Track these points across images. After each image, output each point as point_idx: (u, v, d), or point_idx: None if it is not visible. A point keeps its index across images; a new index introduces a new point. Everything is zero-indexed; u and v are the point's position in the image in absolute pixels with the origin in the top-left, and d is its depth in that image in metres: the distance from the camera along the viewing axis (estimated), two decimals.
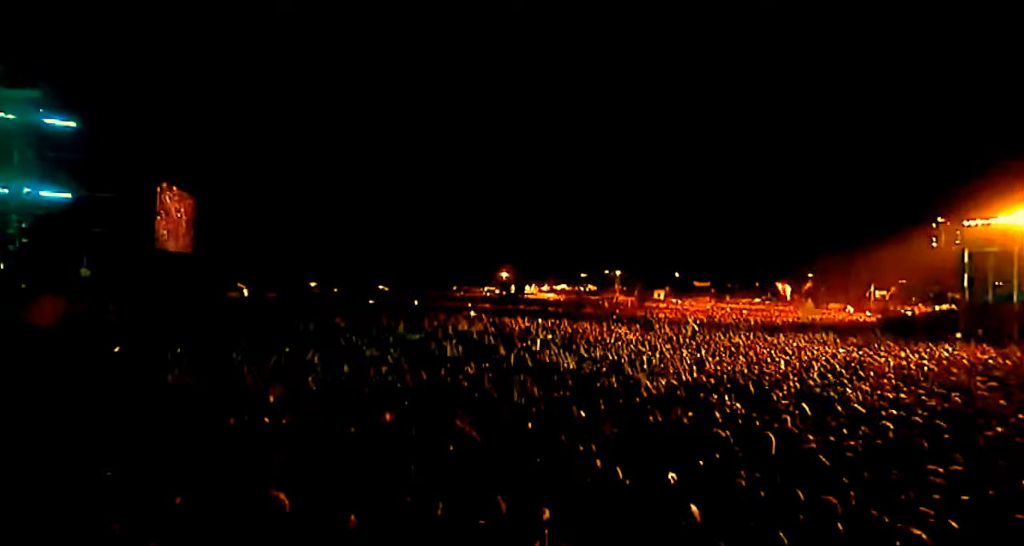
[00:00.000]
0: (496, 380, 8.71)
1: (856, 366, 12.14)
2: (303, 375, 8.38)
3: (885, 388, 9.79)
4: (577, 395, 8.13)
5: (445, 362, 10.67)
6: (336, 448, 5.06)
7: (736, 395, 8.52)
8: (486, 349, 12.58)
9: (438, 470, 4.52)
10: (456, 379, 9.22)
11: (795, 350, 14.39)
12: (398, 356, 11.08)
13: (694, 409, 7.49)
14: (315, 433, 5.42)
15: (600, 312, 31.36)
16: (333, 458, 4.78)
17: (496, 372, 9.99)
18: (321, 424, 5.81)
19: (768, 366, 11.43)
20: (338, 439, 5.34)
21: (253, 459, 4.64)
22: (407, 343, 13.14)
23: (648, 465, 5.00)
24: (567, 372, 10.44)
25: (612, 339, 15.32)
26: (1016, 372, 12.54)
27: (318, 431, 5.48)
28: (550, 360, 11.42)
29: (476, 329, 17.71)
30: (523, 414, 6.78)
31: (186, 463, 4.45)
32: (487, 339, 13.64)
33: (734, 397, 8.42)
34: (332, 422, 5.99)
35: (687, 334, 17.40)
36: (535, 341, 14.19)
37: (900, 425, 6.77)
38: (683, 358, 11.83)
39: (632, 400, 8.05)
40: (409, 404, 7.02)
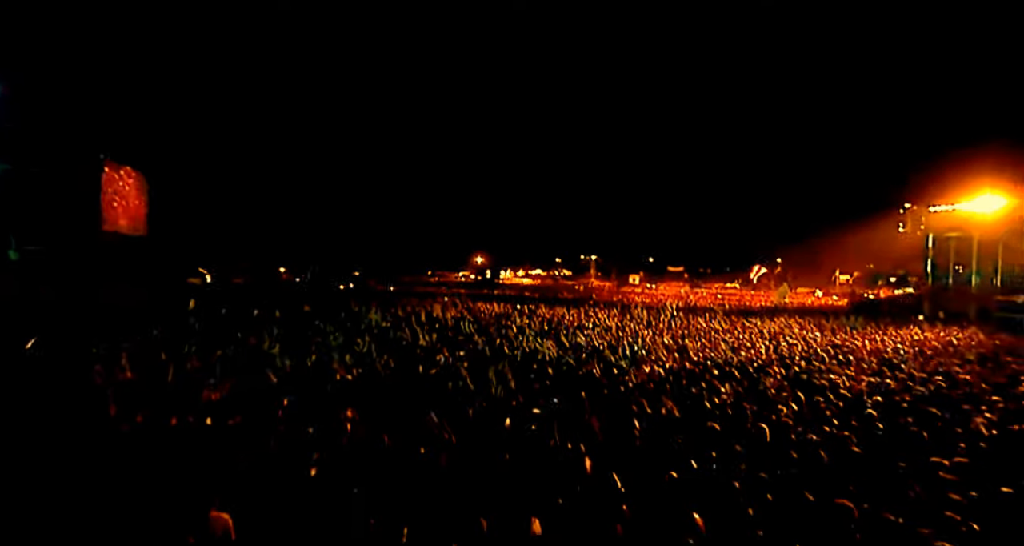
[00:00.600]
0: (472, 370, 8.16)
1: (836, 350, 12.08)
2: (260, 368, 7.66)
3: (866, 372, 9.68)
4: (559, 386, 7.65)
5: (418, 351, 10.06)
6: (289, 454, 4.43)
7: (723, 384, 8.21)
8: (461, 337, 12.00)
9: (407, 481, 3.96)
10: (429, 370, 8.64)
11: (774, 334, 14.30)
12: (367, 345, 10.42)
13: (682, 400, 7.13)
14: (266, 436, 4.76)
15: (576, 297, 31.11)
16: (285, 468, 4.16)
17: (472, 361, 9.45)
18: (275, 425, 5.16)
19: (751, 351, 11.23)
20: (293, 442, 4.71)
21: (189, 470, 3.97)
22: (378, 331, 12.45)
23: (642, 467, 4.57)
24: (547, 361, 9.98)
25: (591, 325, 14.94)
26: (987, 353, 12.72)
27: (269, 433, 4.82)
28: (528, 348, 10.93)
29: (451, 315, 17.10)
30: (502, 409, 6.27)
31: (104, 478, 3.76)
32: (462, 326, 13.06)
33: (722, 386, 8.11)
34: (288, 421, 5.35)
35: (666, 319, 17.18)
36: (512, 328, 13.68)
37: (893, 413, 6.55)
38: (665, 344, 11.51)
39: (617, 390, 7.63)
40: (377, 399, 6.42)
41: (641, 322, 15.84)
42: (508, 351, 10.62)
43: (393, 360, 9.17)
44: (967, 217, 26.13)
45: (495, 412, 6.11)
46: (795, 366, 9.85)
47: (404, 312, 17.15)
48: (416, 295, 28.96)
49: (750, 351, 11.43)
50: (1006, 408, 7.03)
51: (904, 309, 25.21)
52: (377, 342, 10.82)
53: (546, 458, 4.78)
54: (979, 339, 16.10)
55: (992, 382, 8.85)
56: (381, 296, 26.79)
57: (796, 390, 8.00)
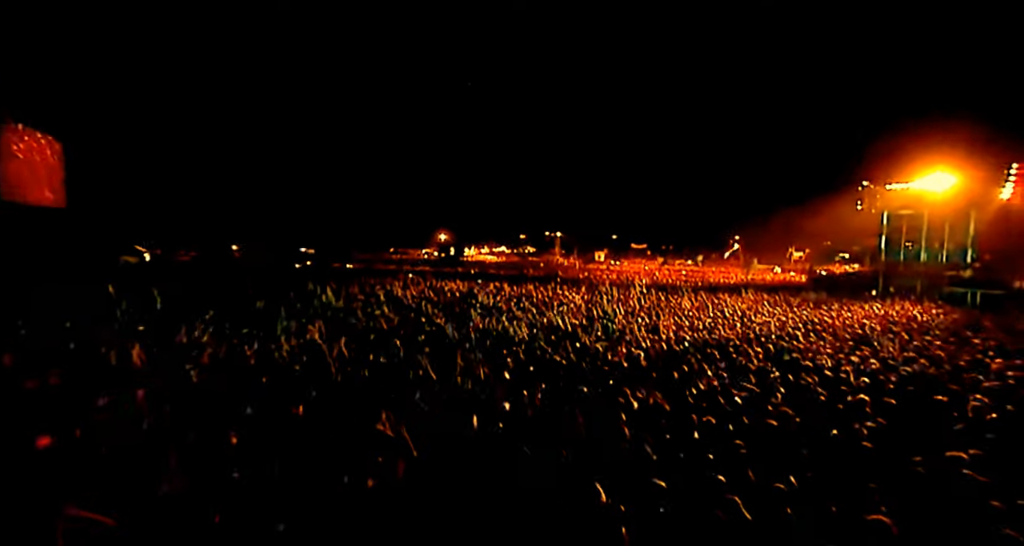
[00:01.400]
0: (435, 358, 7.31)
1: (809, 327, 11.90)
2: (184, 360, 6.56)
3: (845, 351, 9.43)
4: (532, 374, 6.92)
5: (375, 335, 9.10)
6: (201, 475, 3.49)
7: (706, 366, 7.69)
8: (423, 319, 11.09)
9: (346, 510, 3.12)
10: (389, 356, 7.74)
11: (746, 311, 14.06)
12: (317, 330, 9.38)
13: (667, 388, 6.54)
14: (173, 449, 3.79)
15: (543, 274, 30.53)
16: (194, 494, 3.23)
17: (435, 346, 8.60)
18: (189, 432, 4.18)
19: (727, 330, 10.84)
20: (208, 457, 3.77)
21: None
22: (331, 313, 11.36)
23: (635, 478, 3.89)
24: (518, 344, 9.25)
25: (560, 303, 14.29)
26: (950, 328, 12.88)
27: (178, 445, 3.84)
28: (496, 330, 10.16)
29: (412, 294, 16.10)
30: (469, 403, 5.47)
31: None
32: (424, 307, 12.13)
33: (704, 368, 7.59)
34: (207, 428, 4.37)
35: (636, 296, 16.76)
36: (478, 308, 12.86)
37: (885, 396, 6.15)
38: (640, 324, 10.98)
39: (596, 377, 6.97)
40: (323, 395, 5.50)
41: (612, 300, 15.33)
42: (474, 334, 9.82)
43: (346, 348, 8.21)
44: (920, 195, 26.87)
45: (460, 408, 5.32)
46: (773, 345, 9.50)
47: (362, 292, 16.03)
48: (376, 273, 27.67)
49: (726, 329, 11.05)
50: (993, 388, 6.80)
51: (860, 285, 25.91)
52: (328, 327, 9.79)
53: (520, 469, 4.04)
54: (936, 313, 16.49)
55: (969, 359, 8.74)
56: (339, 275, 25.37)
57: (782, 372, 7.60)
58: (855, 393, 6.25)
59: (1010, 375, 7.33)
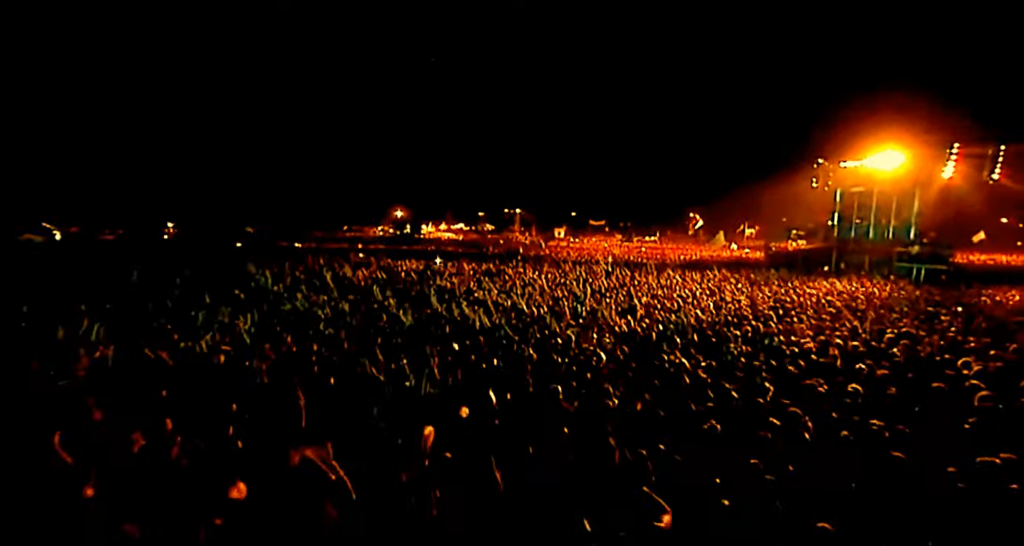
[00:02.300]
0: (387, 351, 6.31)
1: (779, 305, 11.59)
2: (70, 361, 5.27)
3: (825, 331, 9.08)
4: (498, 369, 6.05)
5: (316, 326, 7.95)
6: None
7: (689, 354, 7.06)
8: (375, 304, 9.97)
9: None
10: (331, 350, 6.68)
11: (715, 290, 13.67)
12: (251, 320, 8.15)
13: (651, 382, 5.83)
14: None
15: (503, 252, 29.62)
16: None
17: (386, 338, 7.57)
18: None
19: (702, 312, 10.30)
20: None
21: None
22: (269, 300, 10.06)
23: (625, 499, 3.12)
24: (479, 331, 8.34)
25: (523, 285, 13.43)
26: (910, 304, 12.93)
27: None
28: (456, 316, 9.20)
29: (363, 276, 14.84)
30: (424, 411, 4.55)
31: None
32: (375, 290, 10.97)
33: (684, 356, 6.95)
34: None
35: (602, 274, 16.14)
36: (435, 290, 11.83)
37: (882, 386, 5.67)
38: (610, 305, 10.28)
39: (571, 371, 6.17)
40: (241, 410, 4.42)
41: (579, 279, 14.62)
42: (432, 322, 8.84)
43: (282, 342, 7.07)
44: (871, 173, 27.47)
45: (414, 418, 4.38)
46: (752, 327, 9.02)
47: (307, 274, 14.63)
48: (326, 252, 25.98)
49: (699, 309, 10.53)
50: (984, 371, 6.50)
51: (814, 261, 26.45)
52: (261, 318, 8.54)
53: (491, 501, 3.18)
54: (891, 289, 16.76)
55: (943, 338, 8.54)
56: (285, 254, 23.56)
57: (767, 358, 7.06)
58: (852, 383, 5.74)
59: (993, 356, 7.08)
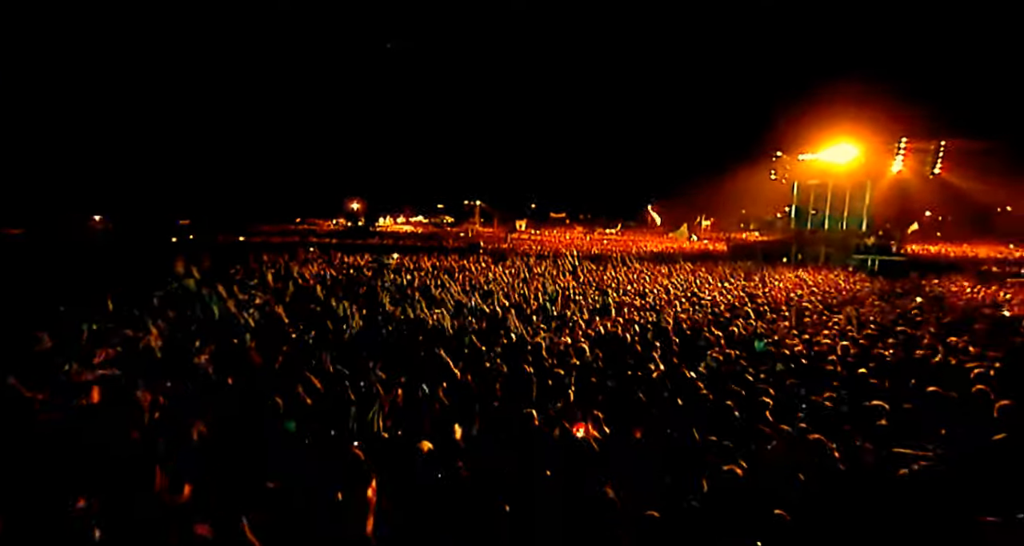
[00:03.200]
0: (321, 374, 5.23)
1: (753, 300, 11.15)
2: None
3: (807, 330, 8.61)
4: (462, 389, 5.10)
5: (242, 338, 6.73)
6: None
7: (670, 359, 6.33)
8: (318, 307, 8.77)
9: None
10: (267, 362, 5.54)
11: (688, 285, 13.14)
12: (170, 325, 6.85)
13: (630, 390, 5.06)
14: None
15: (464, 246, 28.51)
16: None
17: (329, 345, 6.47)
18: None
19: (679, 309, 9.66)
20: None
21: None
22: (191, 304, 8.67)
23: None
24: (435, 332, 7.36)
25: (487, 282, 12.46)
26: (879, 297, 12.83)
27: None
28: (411, 315, 8.17)
29: (311, 273, 13.50)
30: (370, 446, 3.56)
31: None
32: (320, 291, 9.72)
33: (667, 362, 6.22)
34: None
35: (568, 269, 15.38)
36: (388, 288, 10.71)
37: (904, 401, 5.05)
38: (582, 304, 9.48)
39: (545, 387, 5.30)
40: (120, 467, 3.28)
41: (545, 274, 13.79)
42: (382, 324, 7.78)
43: (205, 351, 5.86)
44: (827, 166, 28.00)
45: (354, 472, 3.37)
46: (734, 327, 8.44)
47: (246, 273, 13.14)
48: (273, 247, 24.13)
49: (675, 307, 9.90)
50: (988, 375, 6.08)
51: (774, 253, 26.73)
52: (190, 322, 7.24)
53: None
54: (854, 281, 16.83)
55: (928, 338, 8.19)
56: (225, 250, 21.62)
57: (754, 364, 6.44)
58: (865, 397, 5.12)
59: (991, 357, 6.71)
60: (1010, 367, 6.37)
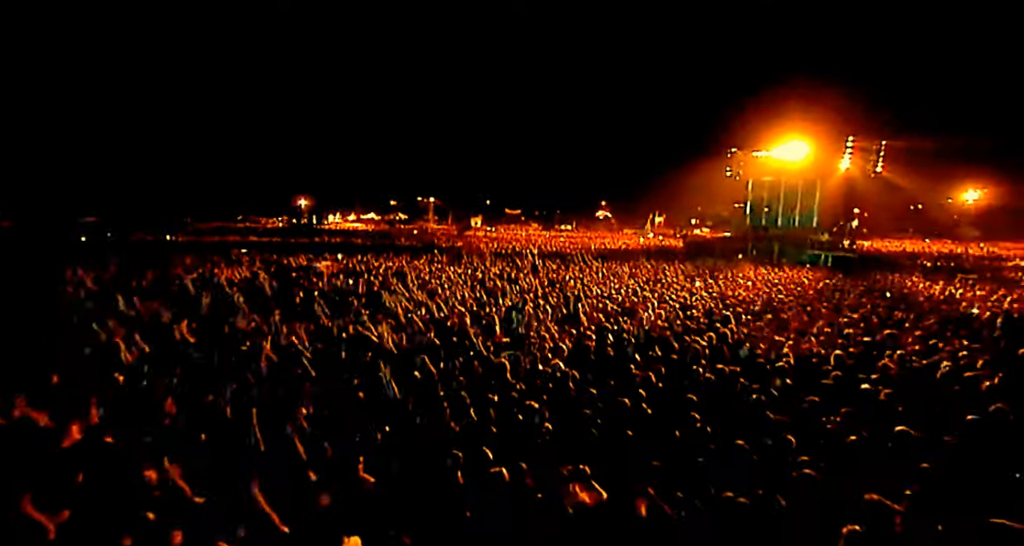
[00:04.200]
0: (240, 410, 3.96)
1: (728, 302, 10.52)
2: None
3: (790, 334, 7.97)
4: (405, 425, 3.97)
5: (136, 366, 5.28)
6: None
7: (658, 382, 5.41)
8: (239, 322, 7.31)
9: None
10: (132, 418, 4.17)
11: (654, 284, 12.41)
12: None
13: (619, 427, 4.08)
14: None
15: (417, 244, 27.02)
16: None
17: (247, 375, 5.13)
18: None
19: (652, 313, 8.82)
20: None
21: None
22: (76, 319, 7.04)
23: None
24: (379, 354, 6.15)
25: (439, 285, 11.24)
26: (845, 294, 12.56)
27: None
28: (353, 334, 6.90)
29: (239, 277, 11.84)
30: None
31: None
32: (237, 298, 8.21)
33: (650, 387, 5.30)
34: None
35: (528, 270, 14.38)
36: (328, 296, 9.32)
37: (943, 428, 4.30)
38: (549, 311, 8.47)
39: (510, 419, 4.24)
40: None
41: (504, 276, 12.72)
42: (314, 343, 6.47)
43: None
44: (780, 163, 28.36)
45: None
46: (714, 333, 7.67)
47: (161, 278, 11.34)
48: (205, 247, 21.89)
49: (647, 310, 9.07)
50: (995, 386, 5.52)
51: (730, 250, 26.81)
52: (51, 351, 5.67)
53: None
54: (814, 278, 16.71)
55: (917, 342, 7.71)
56: (145, 251, 19.31)
57: (750, 379, 5.63)
58: (886, 422, 4.36)
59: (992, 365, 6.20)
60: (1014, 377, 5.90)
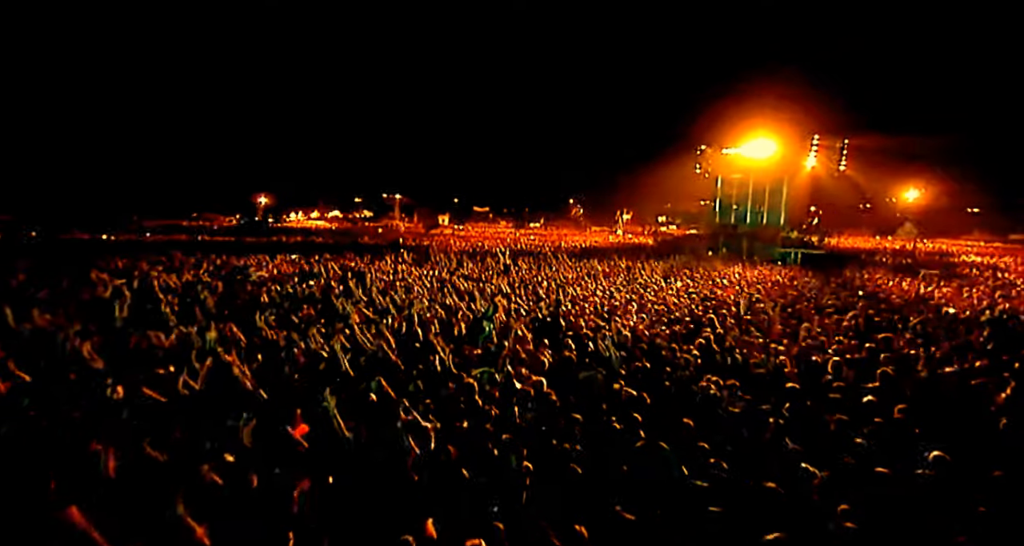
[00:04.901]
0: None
1: (709, 303, 9.98)
2: None
3: (774, 333, 7.44)
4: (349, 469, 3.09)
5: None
6: None
7: (653, 409, 4.69)
8: (161, 337, 6.19)
9: None
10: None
11: (631, 284, 11.80)
12: None
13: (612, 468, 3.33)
14: None
15: (382, 243, 25.79)
16: None
17: (157, 417, 4.10)
18: None
19: (637, 319, 8.15)
20: None
21: None
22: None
23: None
24: (329, 374, 5.23)
25: (404, 289, 10.28)
26: (821, 292, 12.26)
27: None
28: (302, 346, 5.93)
29: (179, 282, 10.54)
30: None
31: None
32: (164, 308, 7.07)
33: (650, 409, 4.58)
34: None
35: (500, 270, 13.56)
36: (270, 304, 8.26)
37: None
38: (523, 318, 7.67)
39: (482, 456, 3.43)
40: None
41: (474, 277, 11.85)
42: (255, 363, 5.45)
43: None
44: (749, 161, 28.42)
45: None
46: (702, 339, 7.05)
47: (73, 286, 9.94)
48: (147, 248, 20.20)
49: (631, 315, 8.40)
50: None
51: (700, 247, 26.70)
52: None
53: None
54: (789, 276, 16.52)
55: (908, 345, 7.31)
56: (73, 252, 17.54)
57: (754, 395, 5.00)
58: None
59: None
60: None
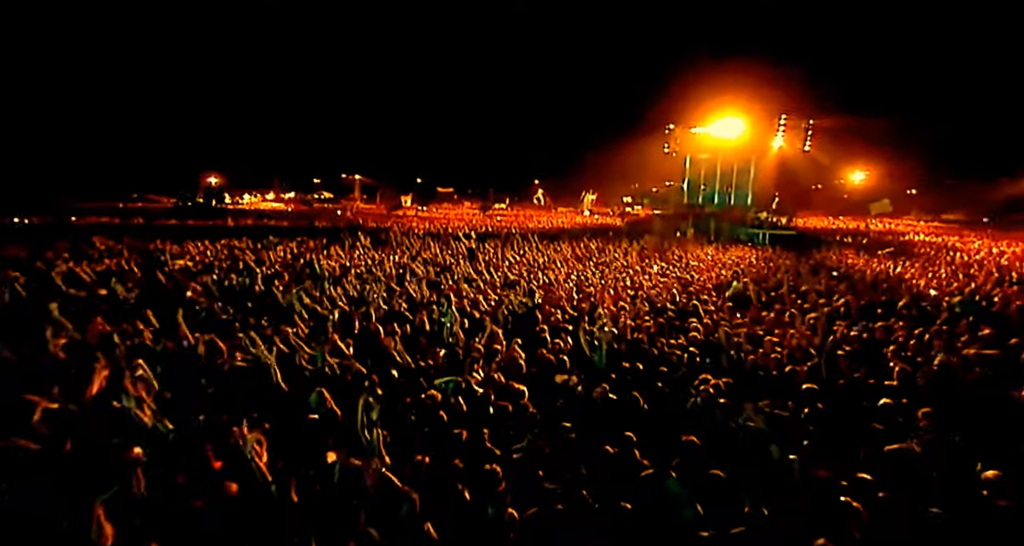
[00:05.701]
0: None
1: (694, 291, 9.42)
2: None
3: (763, 321, 6.92)
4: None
5: None
6: None
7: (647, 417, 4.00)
8: (51, 342, 5.04)
9: None
10: None
11: (608, 269, 11.14)
12: None
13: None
14: None
15: (341, 225, 24.28)
16: None
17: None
18: None
19: (618, 308, 7.45)
20: None
21: None
22: None
23: None
24: (265, 389, 4.30)
25: (359, 279, 9.26)
26: (798, 276, 11.94)
27: None
28: (238, 356, 4.94)
29: (93, 273, 9.17)
30: None
31: None
32: (57, 314, 5.86)
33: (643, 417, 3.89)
34: None
35: (466, 254, 12.65)
36: (201, 299, 7.12)
37: None
38: (497, 314, 6.83)
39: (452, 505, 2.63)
40: None
41: (431, 262, 10.90)
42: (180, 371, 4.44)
43: None
44: (717, 141, 28.15)
45: None
46: (684, 329, 6.45)
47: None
48: (67, 232, 18.14)
49: (611, 305, 7.70)
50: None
51: (669, 227, 26.43)
52: None
53: None
54: (764, 257, 16.25)
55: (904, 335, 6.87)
56: None
57: (755, 399, 4.38)
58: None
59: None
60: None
